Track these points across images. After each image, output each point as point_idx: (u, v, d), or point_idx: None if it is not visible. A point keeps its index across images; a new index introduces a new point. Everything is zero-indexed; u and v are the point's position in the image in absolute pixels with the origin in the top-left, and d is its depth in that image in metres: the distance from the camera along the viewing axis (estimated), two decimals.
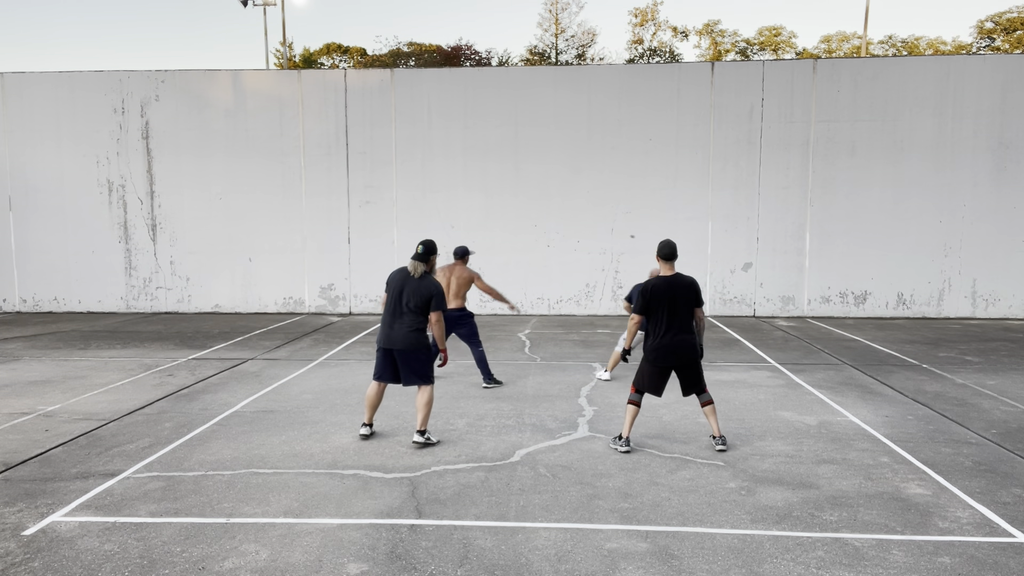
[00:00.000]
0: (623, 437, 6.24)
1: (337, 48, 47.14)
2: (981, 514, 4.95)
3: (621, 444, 6.21)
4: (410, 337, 6.26)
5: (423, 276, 6.32)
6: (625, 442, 6.21)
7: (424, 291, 6.25)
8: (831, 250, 15.13)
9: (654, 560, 4.29)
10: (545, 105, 15.37)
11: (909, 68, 14.91)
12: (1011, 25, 40.41)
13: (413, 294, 6.25)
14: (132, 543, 4.52)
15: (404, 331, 6.25)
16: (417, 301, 6.24)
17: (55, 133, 15.93)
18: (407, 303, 6.26)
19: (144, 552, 4.40)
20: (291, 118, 15.70)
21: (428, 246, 6.39)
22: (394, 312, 6.32)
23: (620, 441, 6.24)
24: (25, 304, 16.29)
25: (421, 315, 6.27)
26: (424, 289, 6.25)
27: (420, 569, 4.18)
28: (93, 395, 8.35)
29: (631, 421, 6.25)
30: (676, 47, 43.78)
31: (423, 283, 6.27)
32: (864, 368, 9.84)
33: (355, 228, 15.82)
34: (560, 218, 15.54)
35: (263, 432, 6.84)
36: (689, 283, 6.14)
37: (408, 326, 6.26)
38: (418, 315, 6.26)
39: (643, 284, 6.26)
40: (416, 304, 6.25)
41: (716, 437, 6.28)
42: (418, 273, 6.29)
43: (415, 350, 6.29)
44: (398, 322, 6.29)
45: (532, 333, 13.00)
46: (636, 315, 6.17)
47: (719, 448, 6.23)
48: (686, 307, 6.10)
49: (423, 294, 6.24)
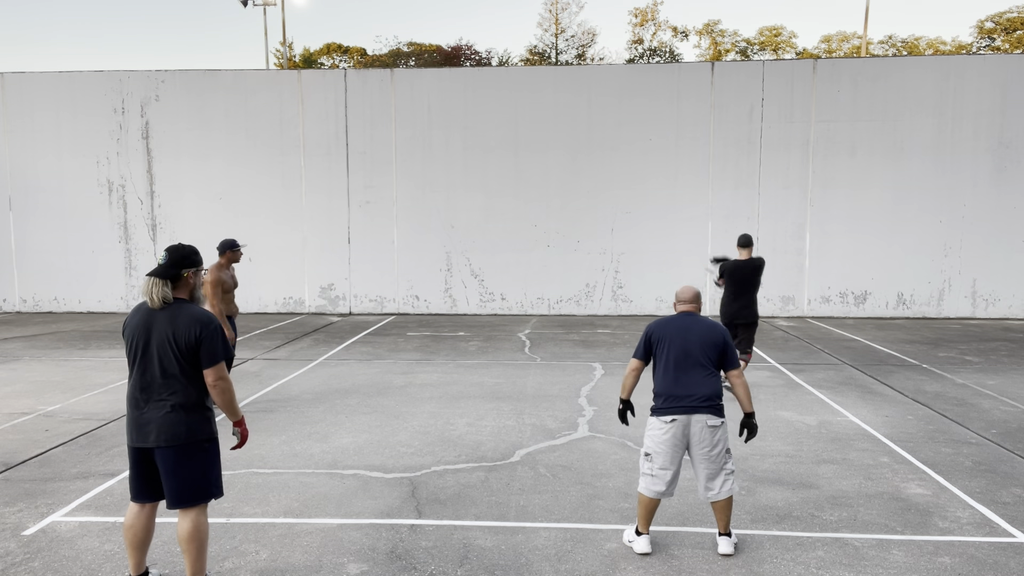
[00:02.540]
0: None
1: (337, 48, 47.12)
2: (981, 514, 4.95)
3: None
4: (170, 421, 3.62)
5: (175, 306, 3.69)
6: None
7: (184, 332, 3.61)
8: (831, 250, 15.12)
9: (654, 560, 4.29)
10: (545, 105, 15.37)
11: (909, 68, 14.90)
12: (1011, 25, 40.40)
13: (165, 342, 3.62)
14: None
15: (160, 413, 3.63)
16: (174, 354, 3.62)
17: (55, 133, 15.92)
18: (160, 361, 3.63)
19: None
20: (291, 118, 15.70)
21: (177, 254, 3.74)
22: (140, 380, 3.68)
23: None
24: (25, 304, 16.29)
25: (184, 378, 3.65)
26: (184, 329, 3.61)
27: (420, 569, 4.18)
28: (93, 395, 8.35)
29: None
30: (676, 47, 43.77)
31: (178, 318, 3.64)
32: (864, 368, 9.84)
33: (355, 228, 15.82)
34: (560, 218, 15.54)
35: (263, 432, 6.84)
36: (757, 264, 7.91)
37: (166, 403, 3.63)
38: (180, 379, 3.64)
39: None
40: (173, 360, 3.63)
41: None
42: (161, 301, 3.66)
43: (184, 444, 3.65)
44: (149, 397, 3.66)
45: (532, 333, 13.01)
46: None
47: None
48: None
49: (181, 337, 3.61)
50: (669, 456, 4.32)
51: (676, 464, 4.34)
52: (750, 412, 4.47)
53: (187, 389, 3.65)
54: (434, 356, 10.60)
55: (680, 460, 4.36)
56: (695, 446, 4.29)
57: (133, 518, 3.78)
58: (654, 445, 4.35)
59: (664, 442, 4.30)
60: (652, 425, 4.38)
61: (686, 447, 4.33)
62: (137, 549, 3.81)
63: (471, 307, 15.82)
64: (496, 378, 9.21)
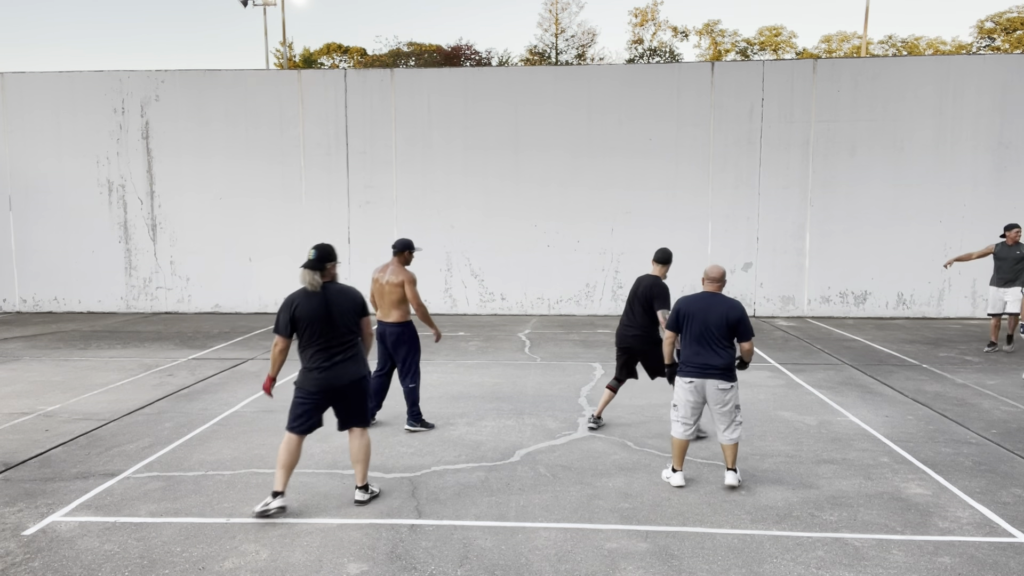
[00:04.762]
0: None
1: (337, 48, 47.13)
2: (981, 514, 4.95)
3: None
4: (358, 363, 5.11)
5: (329, 287, 5.07)
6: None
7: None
8: (831, 250, 15.12)
9: (654, 560, 4.29)
10: (545, 105, 15.37)
11: (909, 68, 14.90)
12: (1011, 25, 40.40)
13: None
14: (132, 543, 4.52)
15: (348, 358, 5.04)
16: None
17: (55, 133, 15.92)
18: (343, 324, 5.01)
19: (144, 552, 4.40)
20: (291, 118, 15.70)
21: (322, 251, 5.06)
22: (327, 341, 4.99)
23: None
24: (25, 304, 16.29)
25: (353, 335, 5.10)
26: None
27: (420, 569, 4.18)
28: (93, 395, 8.35)
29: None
30: (676, 47, 43.76)
31: (340, 295, 5.07)
32: (864, 368, 9.84)
33: (355, 228, 15.81)
34: (560, 218, 15.53)
35: (263, 432, 6.84)
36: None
37: (349, 352, 5.06)
38: (354, 335, 5.10)
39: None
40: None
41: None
42: (317, 286, 5.00)
43: (365, 377, 5.15)
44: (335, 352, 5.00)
45: (532, 333, 13.01)
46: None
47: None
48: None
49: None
50: (690, 409, 5.43)
51: (696, 415, 5.47)
52: (745, 360, 5.50)
53: (357, 342, 5.08)
54: (434, 356, 10.59)
55: (699, 413, 5.48)
56: (711, 403, 5.40)
57: (294, 446, 4.96)
58: (679, 398, 5.49)
59: (685, 397, 5.43)
60: (678, 383, 5.52)
61: (704, 402, 5.43)
62: (287, 470, 4.96)
63: (471, 307, 15.82)
64: (496, 378, 9.21)
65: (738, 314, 5.34)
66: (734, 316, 5.32)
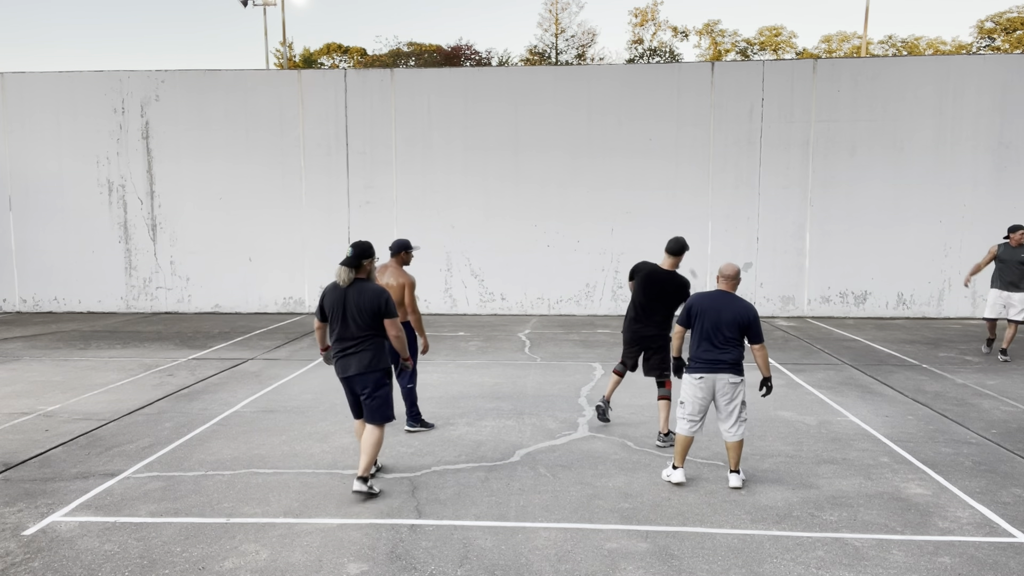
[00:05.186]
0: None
1: (337, 48, 47.14)
2: (981, 514, 4.95)
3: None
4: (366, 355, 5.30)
5: (358, 283, 5.25)
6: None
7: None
8: (831, 250, 15.12)
9: (654, 560, 4.29)
10: (545, 105, 15.37)
11: (909, 68, 14.90)
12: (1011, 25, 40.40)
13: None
14: (132, 543, 4.52)
15: (359, 351, 5.26)
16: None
17: (55, 133, 15.92)
18: (354, 320, 5.22)
19: (144, 552, 4.40)
20: (291, 118, 15.70)
21: (359, 248, 5.25)
22: (342, 333, 5.28)
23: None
24: (25, 304, 16.29)
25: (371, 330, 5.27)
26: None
27: (420, 569, 4.18)
28: (93, 395, 8.35)
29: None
30: (676, 47, 43.77)
31: (364, 293, 5.22)
32: (864, 368, 9.84)
33: (355, 228, 15.81)
34: (560, 218, 15.53)
35: (263, 432, 6.84)
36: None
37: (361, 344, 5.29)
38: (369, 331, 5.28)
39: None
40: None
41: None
42: (348, 282, 5.19)
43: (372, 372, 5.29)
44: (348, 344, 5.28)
45: (532, 333, 13.01)
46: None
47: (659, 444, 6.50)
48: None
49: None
50: (697, 405, 5.44)
51: (702, 412, 5.47)
52: (767, 377, 5.46)
53: (372, 339, 5.22)
54: (434, 356, 10.59)
55: (706, 410, 5.48)
56: (719, 397, 5.39)
57: (358, 429, 5.48)
58: (687, 395, 5.47)
59: (694, 394, 5.42)
60: (686, 380, 5.49)
61: (711, 399, 5.41)
62: (361, 453, 5.27)
63: (471, 307, 15.82)
64: (496, 378, 9.21)
65: (752, 316, 5.39)
66: (748, 317, 5.36)
